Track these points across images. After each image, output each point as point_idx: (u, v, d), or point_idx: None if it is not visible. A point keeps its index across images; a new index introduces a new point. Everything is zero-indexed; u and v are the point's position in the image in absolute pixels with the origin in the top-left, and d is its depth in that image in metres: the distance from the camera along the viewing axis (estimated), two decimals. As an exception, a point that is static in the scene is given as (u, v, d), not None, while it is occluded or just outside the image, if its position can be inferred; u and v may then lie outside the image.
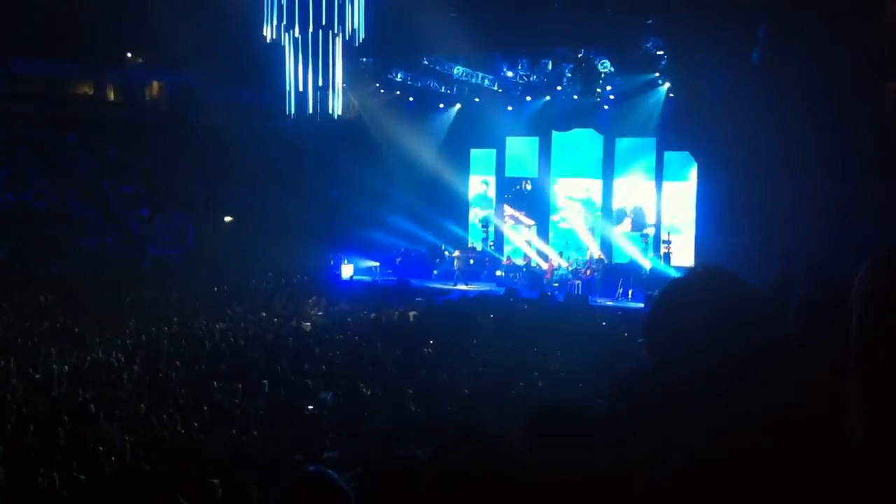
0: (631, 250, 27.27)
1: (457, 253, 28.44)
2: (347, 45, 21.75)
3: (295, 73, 21.98)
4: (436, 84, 28.28)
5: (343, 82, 22.46)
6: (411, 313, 19.69)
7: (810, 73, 19.01)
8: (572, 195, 29.33)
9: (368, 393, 11.72)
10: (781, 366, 1.65)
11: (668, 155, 27.36)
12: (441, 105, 29.97)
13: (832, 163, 19.22)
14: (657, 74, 25.30)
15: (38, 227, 26.32)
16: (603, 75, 25.65)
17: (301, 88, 22.11)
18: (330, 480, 2.36)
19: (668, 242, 26.61)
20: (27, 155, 29.30)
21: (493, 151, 30.77)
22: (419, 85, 28.26)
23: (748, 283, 1.66)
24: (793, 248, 17.08)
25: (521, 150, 30.36)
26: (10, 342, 15.64)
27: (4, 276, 22.41)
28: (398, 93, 28.87)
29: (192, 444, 9.57)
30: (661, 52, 23.76)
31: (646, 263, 26.08)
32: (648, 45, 23.28)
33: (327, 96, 22.29)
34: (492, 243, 30.47)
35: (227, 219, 29.18)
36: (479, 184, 31.24)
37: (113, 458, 8.91)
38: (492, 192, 31.15)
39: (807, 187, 19.49)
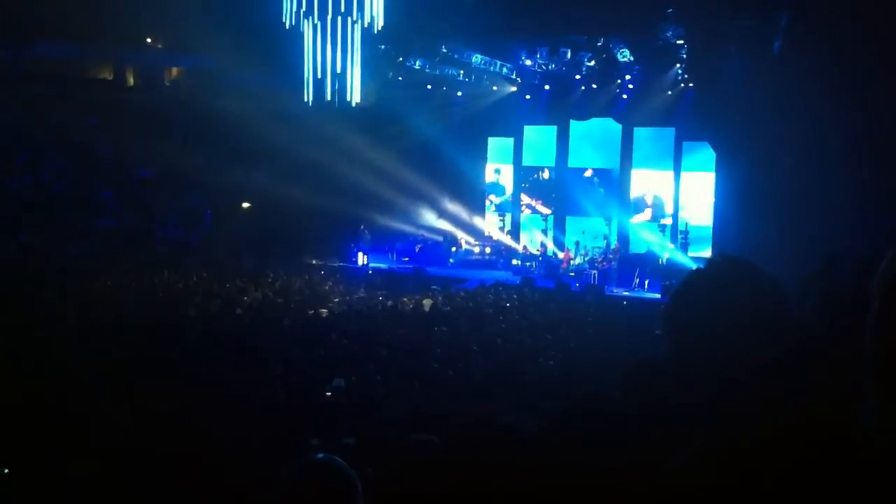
0: (648, 240, 27.20)
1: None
2: (366, 32, 21.73)
3: (313, 60, 21.98)
4: (454, 72, 28.23)
5: (361, 69, 22.43)
6: (426, 301, 19.70)
7: (832, 61, 18.82)
8: (590, 184, 29.25)
9: (383, 380, 11.75)
10: (800, 357, 1.64)
11: (686, 145, 27.24)
12: (459, 93, 29.92)
13: (854, 152, 19.04)
14: (677, 64, 25.15)
15: (57, 210, 26.47)
16: (622, 64, 25.54)
17: (319, 75, 22.12)
18: (337, 467, 2.37)
19: (686, 233, 26.53)
20: (46, 137, 29.44)
21: (511, 140, 30.72)
22: (437, 72, 28.21)
23: (768, 273, 1.65)
24: (814, 238, 16.97)
25: (538, 138, 30.29)
26: (27, 327, 15.72)
27: (24, 258, 22.57)
28: (416, 80, 28.84)
29: (207, 428, 9.62)
30: (681, 42, 23.59)
31: (663, 254, 26.03)
32: (668, 35, 23.12)
33: (345, 83, 22.28)
34: (508, 231, 30.49)
35: (245, 204, 29.29)
36: (493, 172, 31.22)
37: (125, 443, 8.96)
38: (506, 180, 31.11)
39: (828, 177, 19.34)
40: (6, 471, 7.72)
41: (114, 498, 7.22)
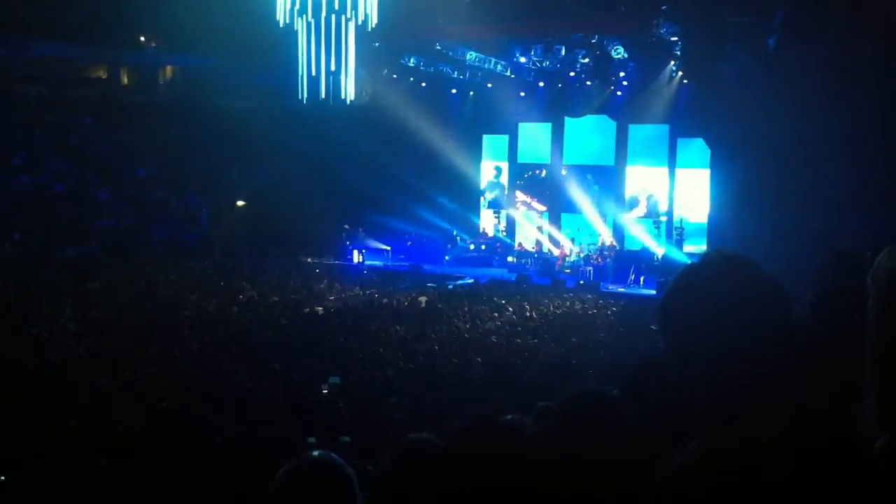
0: (643, 237, 27.21)
1: None
2: (360, 30, 21.68)
3: (308, 58, 21.93)
4: (448, 69, 28.18)
5: (356, 67, 22.39)
6: (422, 298, 19.70)
7: (828, 58, 18.82)
8: (584, 182, 29.24)
9: (381, 377, 11.74)
10: (800, 356, 1.65)
11: (681, 141, 27.25)
12: (454, 90, 29.87)
13: (850, 149, 19.04)
14: (672, 62, 25.14)
15: (55, 209, 26.41)
16: (616, 61, 25.52)
17: (314, 73, 22.06)
18: (334, 464, 2.36)
19: (681, 229, 26.53)
20: (43, 137, 29.37)
21: (506, 137, 30.69)
22: (432, 70, 28.16)
23: (766, 270, 1.65)
24: (809, 234, 17.01)
25: (533, 136, 30.27)
26: (25, 326, 15.67)
27: (21, 258, 22.50)
28: (411, 78, 28.79)
29: (206, 426, 9.60)
30: (675, 39, 23.57)
31: (658, 250, 26.04)
32: (662, 32, 23.10)
33: (340, 81, 22.23)
34: (504, 228, 30.46)
35: (240, 203, 29.23)
36: (492, 169, 31.17)
37: (126, 441, 8.95)
38: (503, 178, 31.10)
39: (824, 174, 19.35)
40: (2, 478, 7.68)
41: (113, 495, 7.20)
